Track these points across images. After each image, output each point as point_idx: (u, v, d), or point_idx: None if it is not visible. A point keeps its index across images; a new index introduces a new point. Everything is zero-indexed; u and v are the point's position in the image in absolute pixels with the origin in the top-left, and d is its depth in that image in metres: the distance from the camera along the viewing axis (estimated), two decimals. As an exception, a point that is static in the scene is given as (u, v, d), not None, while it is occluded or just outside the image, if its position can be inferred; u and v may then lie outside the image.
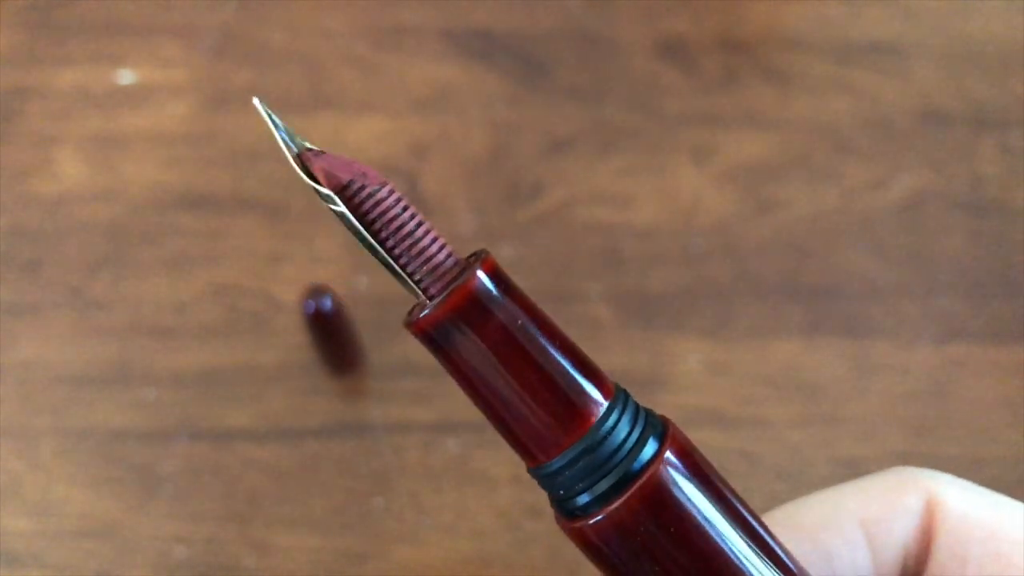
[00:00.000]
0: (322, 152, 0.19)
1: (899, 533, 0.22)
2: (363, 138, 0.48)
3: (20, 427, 0.41)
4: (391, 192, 0.18)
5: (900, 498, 0.22)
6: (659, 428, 0.20)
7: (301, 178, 0.18)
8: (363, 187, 0.18)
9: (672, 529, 0.19)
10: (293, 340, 0.43)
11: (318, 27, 0.50)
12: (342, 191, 0.18)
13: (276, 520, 0.40)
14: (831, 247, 0.46)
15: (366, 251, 0.19)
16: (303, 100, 0.48)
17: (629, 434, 0.19)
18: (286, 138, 0.18)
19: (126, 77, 0.49)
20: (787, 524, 0.22)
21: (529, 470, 0.20)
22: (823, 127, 0.49)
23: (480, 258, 0.19)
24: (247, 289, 0.44)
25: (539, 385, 0.19)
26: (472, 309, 0.18)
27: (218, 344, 0.43)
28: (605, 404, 0.19)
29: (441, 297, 0.18)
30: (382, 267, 0.19)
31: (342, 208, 0.18)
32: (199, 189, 0.46)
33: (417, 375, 0.42)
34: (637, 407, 0.20)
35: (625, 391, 0.20)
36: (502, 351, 0.18)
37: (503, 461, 0.41)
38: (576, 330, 0.19)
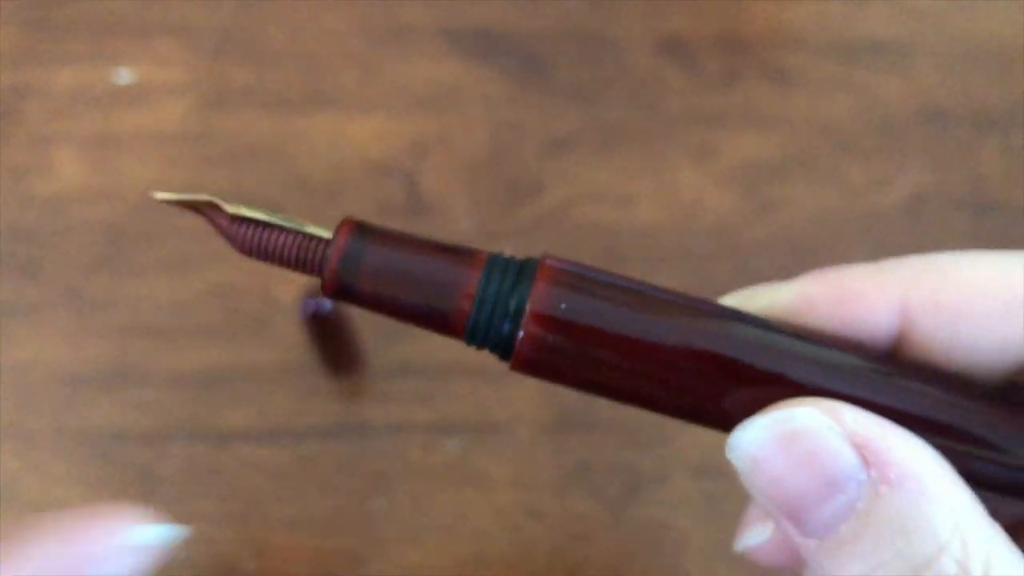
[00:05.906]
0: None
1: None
2: (363, 137, 0.48)
3: (18, 428, 0.41)
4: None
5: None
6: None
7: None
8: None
9: (599, 296, 0.21)
10: (293, 340, 0.43)
11: (317, 26, 0.50)
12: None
13: (276, 521, 0.40)
14: (833, 247, 0.46)
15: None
16: (302, 99, 0.48)
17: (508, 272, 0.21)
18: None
19: (125, 76, 0.49)
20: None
21: (468, 343, 0.21)
22: (825, 126, 0.49)
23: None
24: (246, 289, 0.44)
25: (424, 256, 0.21)
26: (354, 242, 0.21)
27: (217, 344, 0.43)
28: (486, 255, 0.21)
29: (329, 256, 0.21)
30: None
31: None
32: (198, 189, 0.46)
33: (417, 375, 0.42)
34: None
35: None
36: (395, 245, 0.21)
37: (503, 462, 0.41)
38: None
